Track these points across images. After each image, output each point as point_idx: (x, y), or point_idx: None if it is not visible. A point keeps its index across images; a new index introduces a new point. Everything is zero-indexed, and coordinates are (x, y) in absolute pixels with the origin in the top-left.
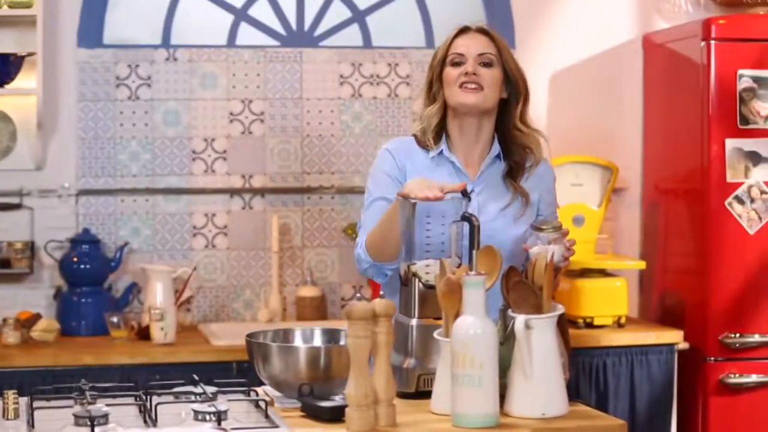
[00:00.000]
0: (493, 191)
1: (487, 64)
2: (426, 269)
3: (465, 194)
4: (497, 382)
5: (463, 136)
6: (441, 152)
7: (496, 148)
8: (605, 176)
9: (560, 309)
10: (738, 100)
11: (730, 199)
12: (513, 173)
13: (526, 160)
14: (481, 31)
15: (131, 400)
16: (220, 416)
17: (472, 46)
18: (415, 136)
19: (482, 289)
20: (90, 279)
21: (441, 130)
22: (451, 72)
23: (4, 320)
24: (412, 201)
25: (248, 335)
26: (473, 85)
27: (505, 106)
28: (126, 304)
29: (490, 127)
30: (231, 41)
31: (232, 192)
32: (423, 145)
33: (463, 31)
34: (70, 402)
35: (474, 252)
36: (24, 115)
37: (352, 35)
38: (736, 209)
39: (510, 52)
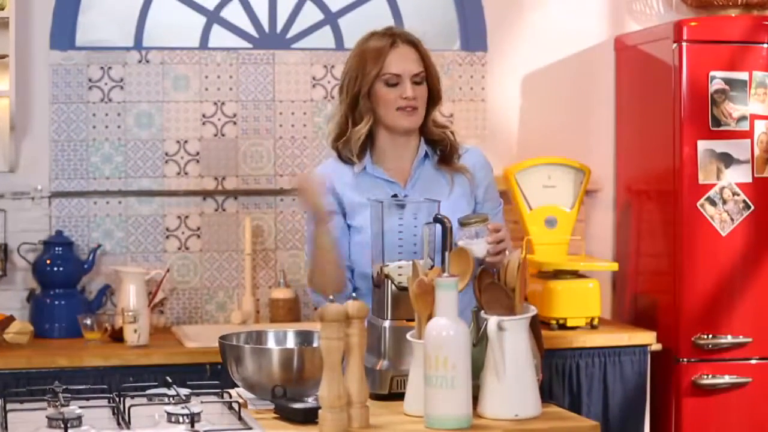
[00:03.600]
0: (429, 191)
1: (419, 83)
2: (399, 271)
3: (399, 202)
4: (470, 383)
5: (395, 149)
6: (364, 168)
7: (423, 149)
8: (578, 178)
9: (533, 310)
10: (710, 101)
11: (702, 200)
12: (445, 159)
13: (450, 144)
14: (410, 43)
15: (105, 402)
16: (193, 418)
17: (407, 66)
18: (337, 151)
19: (455, 291)
20: (63, 281)
21: (365, 145)
22: (387, 93)
23: None
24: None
25: (221, 337)
26: (410, 109)
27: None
28: (99, 306)
29: (417, 134)
30: (203, 43)
31: (205, 194)
32: (347, 160)
33: (394, 44)
34: (44, 404)
35: (446, 254)
36: None
37: (324, 37)
38: (708, 211)
39: (432, 62)
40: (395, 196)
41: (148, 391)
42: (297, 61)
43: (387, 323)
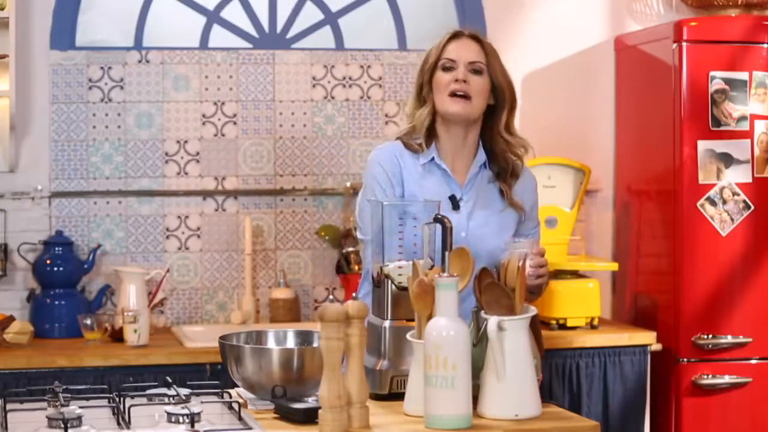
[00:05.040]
0: (482, 199)
1: (477, 72)
2: (399, 271)
3: (453, 202)
4: (470, 383)
5: (451, 141)
6: (432, 159)
7: (482, 156)
8: (578, 178)
9: (533, 310)
10: (710, 101)
11: (702, 200)
12: (503, 179)
13: (510, 167)
14: (473, 37)
15: (104, 402)
16: (193, 418)
17: (463, 53)
18: (401, 140)
19: (455, 291)
20: (63, 281)
21: (431, 133)
22: (442, 77)
23: None
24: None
25: (221, 337)
26: (462, 93)
27: (492, 113)
28: (99, 306)
29: (475, 134)
30: (203, 43)
31: (205, 194)
32: (412, 148)
33: (456, 36)
34: (44, 404)
35: (446, 254)
36: None
37: (324, 37)
38: (709, 211)
39: (499, 61)
40: (453, 197)
41: (148, 391)
42: (297, 61)
43: (387, 323)
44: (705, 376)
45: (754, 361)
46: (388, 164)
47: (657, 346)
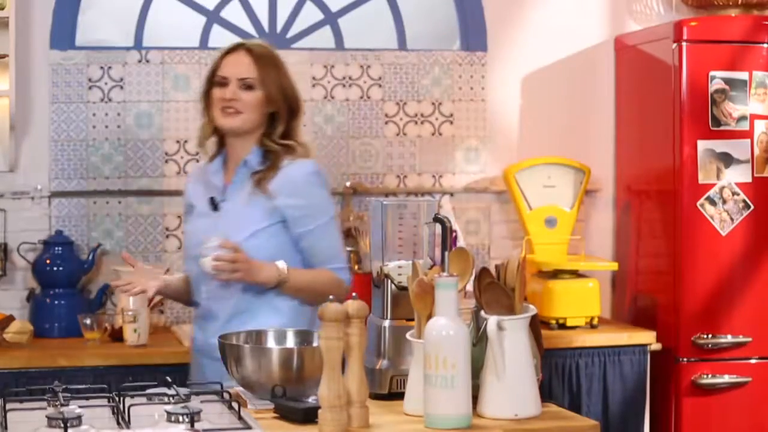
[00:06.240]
0: (238, 192)
1: (249, 87)
2: (398, 270)
3: (213, 204)
4: (470, 383)
5: (231, 148)
6: (209, 166)
7: (250, 155)
8: (578, 178)
9: (532, 310)
10: (710, 101)
11: (702, 200)
12: (262, 172)
13: (272, 162)
14: (249, 51)
15: (104, 401)
16: (193, 417)
17: (234, 69)
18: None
19: (454, 291)
20: (63, 281)
21: (221, 142)
22: (215, 93)
23: None
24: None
25: (221, 336)
26: (231, 110)
27: (274, 119)
28: (99, 305)
29: (255, 142)
30: (203, 43)
31: None
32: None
33: (232, 50)
34: (44, 404)
35: (446, 253)
36: None
37: (324, 37)
38: (708, 210)
39: (278, 71)
40: (212, 198)
41: (148, 391)
42: (297, 61)
43: (387, 323)
44: (705, 376)
45: (753, 361)
46: (188, 182)
47: (657, 346)
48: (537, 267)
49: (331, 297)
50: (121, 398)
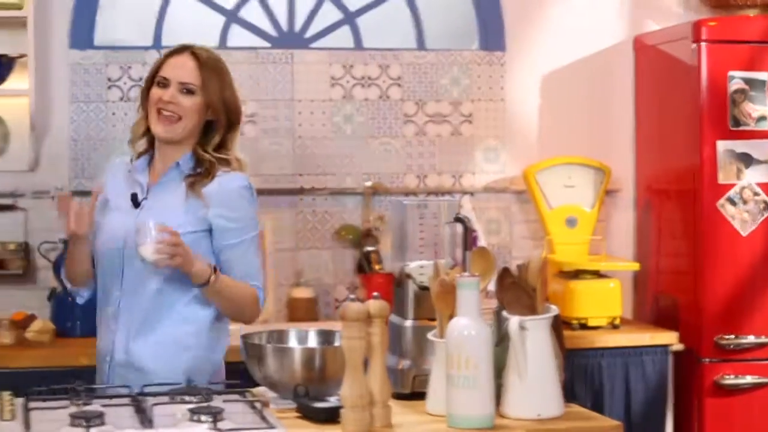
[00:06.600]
0: (166, 193)
1: (189, 92)
2: (420, 270)
3: (134, 200)
4: (492, 382)
5: (161, 153)
6: (136, 164)
7: (184, 157)
8: (598, 178)
9: (554, 310)
10: (729, 101)
11: (722, 200)
12: (195, 177)
13: (205, 170)
14: (194, 54)
15: (127, 400)
16: (215, 417)
17: (177, 72)
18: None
19: (476, 290)
20: None
21: (151, 142)
22: (154, 93)
23: None
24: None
25: (243, 336)
26: (168, 113)
27: (210, 128)
28: None
29: (188, 148)
30: (222, 42)
31: None
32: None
33: (177, 51)
34: (66, 403)
35: (468, 253)
36: (16, 117)
37: (343, 37)
38: (729, 211)
39: (221, 79)
40: (134, 195)
41: (170, 390)
42: (316, 61)
43: (408, 322)
44: (727, 376)
45: None
46: (105, 178)
47: (679, 346)
48: (558, 267)
49: (352, 297)
50: (144, 397)
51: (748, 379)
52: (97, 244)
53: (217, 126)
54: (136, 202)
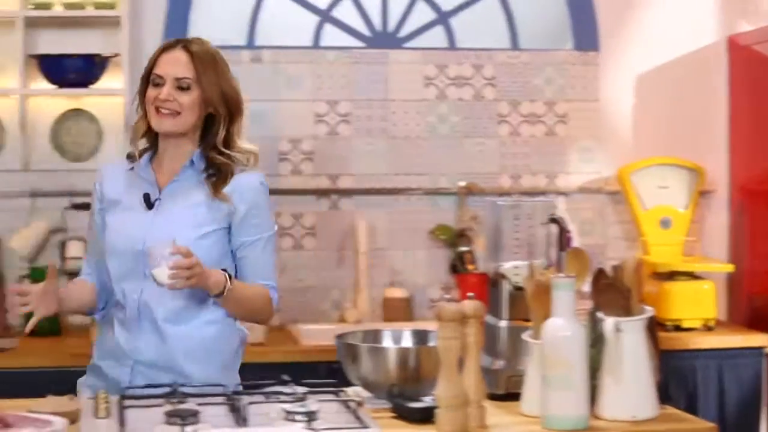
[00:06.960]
0: (182, 193)
1: (185, 88)
2: (515, 271)
3: (147, 201)
4: (587, 384)
5: (165, 151)
6: (133, 168)
7: (195, 156)
8: (692, 178)
9: (649, 311)
10: None
11: None
12: (214, 176)
13: (222, 174)
14: (186, 49)
15: (222, 399)
16: (310, 416)
17: (170, 69)
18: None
19: (572, 291)
20: None
21: (152, 141)
22: (150, 92)
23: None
24: None
25: (338, 336)
26: (167, 110)
27: (213, 123)
28: None
29: (191, 143)
30: (316, 42)
31: (319, 193)
32: (132, 158)
33: (167, 48)
34: (161, 401)
35: (563, 254)
36: (110, 116)
37: (436, 36)
38: None
39: (217, 71)
40: (147, 195)
41: (265, 389)
42: (409, 61)
43: (503, 323)
44: None
45: None
46: (97, 184)
47: None
48: (652, 268)
49: (447, 297)
50: (239, 396)
51: None
52: (112, 245)
53: (218, 119)
54: (149, 202)
